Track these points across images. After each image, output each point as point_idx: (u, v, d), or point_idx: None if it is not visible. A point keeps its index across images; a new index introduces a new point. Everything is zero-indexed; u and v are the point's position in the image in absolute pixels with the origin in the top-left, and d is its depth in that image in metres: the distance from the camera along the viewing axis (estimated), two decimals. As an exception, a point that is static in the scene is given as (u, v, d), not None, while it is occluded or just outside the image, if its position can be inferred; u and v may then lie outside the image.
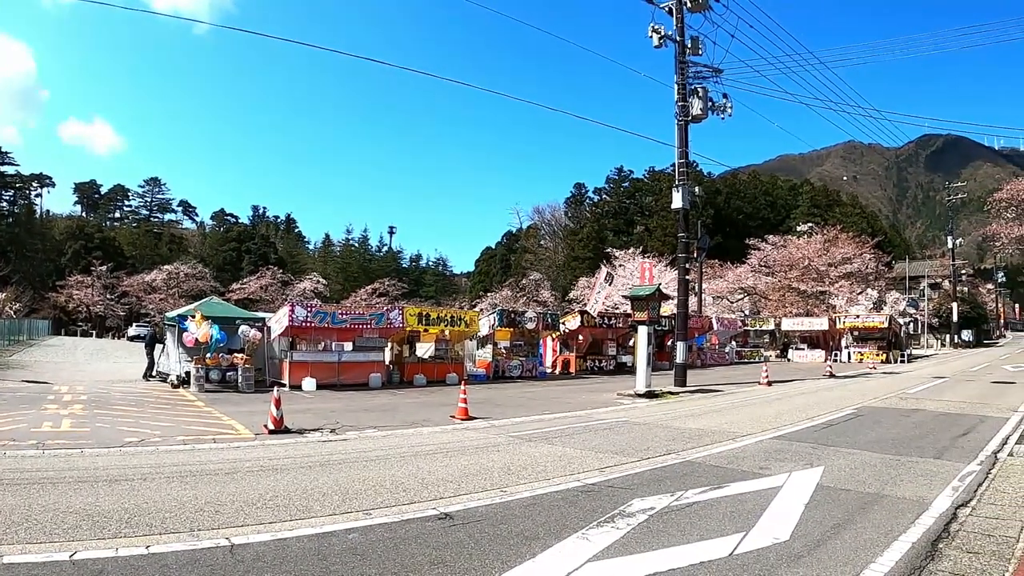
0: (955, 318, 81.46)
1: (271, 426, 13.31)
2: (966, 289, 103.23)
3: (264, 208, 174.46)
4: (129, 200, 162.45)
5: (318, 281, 74.47)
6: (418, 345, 29.67)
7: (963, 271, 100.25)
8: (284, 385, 22.94)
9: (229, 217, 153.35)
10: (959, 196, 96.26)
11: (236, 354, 22.93)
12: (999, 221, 53.86)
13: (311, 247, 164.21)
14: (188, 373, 22.89)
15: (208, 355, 22.46)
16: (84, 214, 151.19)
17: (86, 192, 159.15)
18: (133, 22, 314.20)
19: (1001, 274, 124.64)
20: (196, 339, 22.21)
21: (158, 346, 26.97)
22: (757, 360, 46.89)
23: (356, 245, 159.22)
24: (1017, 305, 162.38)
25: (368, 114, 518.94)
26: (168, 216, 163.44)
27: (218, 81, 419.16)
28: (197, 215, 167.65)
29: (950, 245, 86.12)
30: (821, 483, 9.31)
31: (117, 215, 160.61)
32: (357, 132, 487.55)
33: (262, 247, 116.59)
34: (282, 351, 25.01)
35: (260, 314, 28.34)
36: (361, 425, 14.72)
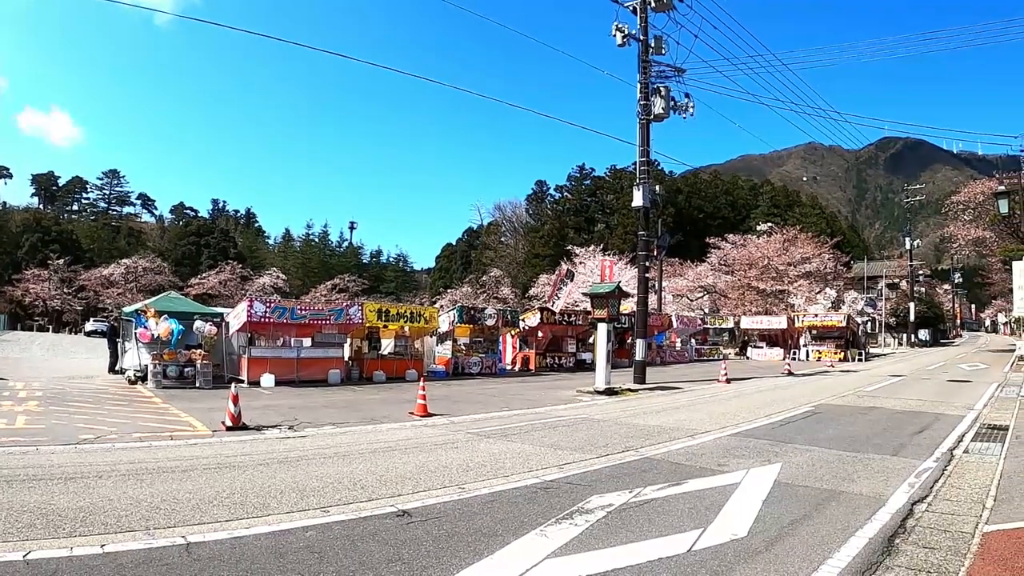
0: (912, 318, 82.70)
1: (229, 423, 13.21)
2: (923, 289, 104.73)
3: (224, 202, 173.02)
4: (87, 193, 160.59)
5: (278, 276, 74.01)
6: (385, 341, 29.57)
7: (920, 272, 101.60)
8: (243, 381, 22.79)
9: (188, 211, 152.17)
10: (917, 198, 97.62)
11: (194, 350, 22.71)
12: (956, 223, 54.69)
13: (271, 242, 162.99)
14: (146, 369, 22.66)
15: (167, 351, 22.25)
16: (42, 206, 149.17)
17: (44, 184, 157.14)
18: (92, 10, 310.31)
19: (958, 275, 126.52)
20: (157, 336, 22.00)
21: (118, 339, 26.71)
22: (716, 358, 47.30)
23: (316, 240, 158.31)
24: (973, 305, 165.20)
25: (330, 109, 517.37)
26: (127, 209, 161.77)
27: (179, 73, 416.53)
28: (156, 209, 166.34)
29: (908, 246, 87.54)
30: (779, 480, 9.41)
31: (75, 208, 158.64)
32: (319, 127, 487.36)
33: (221, 241, 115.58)
34: (240, 347, 24.82)
35: (218, 309, 28.09)
36: (320, 422, 14.64)
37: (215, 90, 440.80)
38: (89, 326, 67.54)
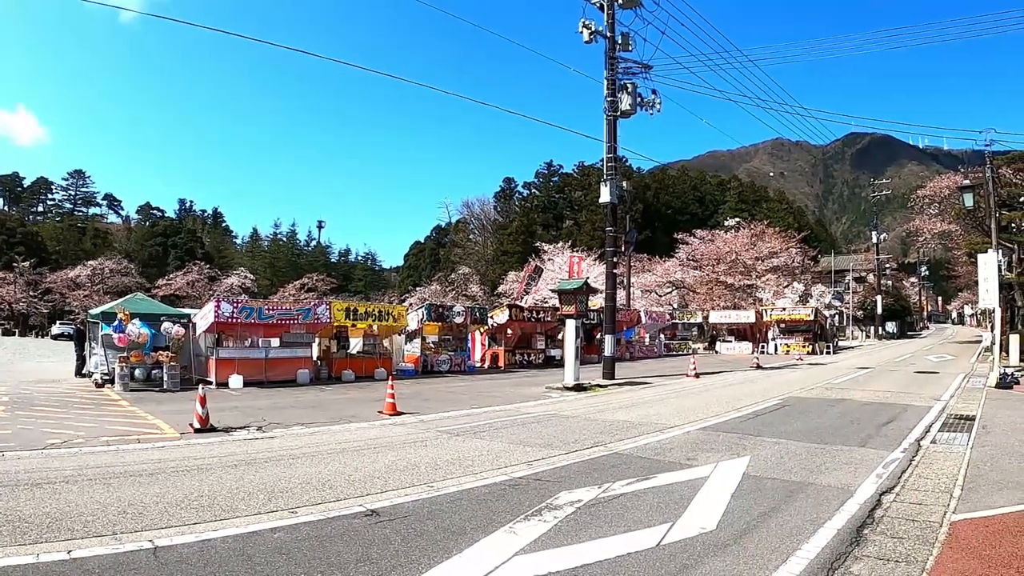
0: (879, 311, 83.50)
1: (197, 425, 13.14)
2: (890, 283, 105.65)
3: (191, 202, 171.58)
4: (53, 193, 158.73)
5: (246, 276, 73.64)
6: (351, 340, 29.48)
7: (887, 265, 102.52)
8: (211, 383, 22.63)
9: (155, 211, 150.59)
10: (884, 193, 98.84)
11: (161, 352, 22.53)
12: (922, 217, 55.23)
13: (239, 242, 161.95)
14: (113, 371, 22.46)
15: (133, 352, 22.06)
16: (6, 208, 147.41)
17: (8, 185, 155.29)
18: (58, 7, 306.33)
19: (924, 268, 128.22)
20: (133, 340, 21.82)
21: (87, 343, 26.45)
22: (685, 352, 47.43)
23: (284, 240, 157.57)
24: (940, 298, 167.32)
25: (297, 107, 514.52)
26: (93, 210, 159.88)
27: (145, 72, 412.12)
28: (123, 209, 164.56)
29: (875, 240, 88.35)
30: (748, 472, 9.50)
31: (40, 209, 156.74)
32: (286, 125, 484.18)
33: (189, 242, 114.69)
34: (208, 348, 24.64)
35: (185, 310, 27.87)
36: (288, 422, 14.59)
37: (181, 89, 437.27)
38: (56, 329, 66.79)
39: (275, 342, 25.76)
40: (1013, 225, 39.14)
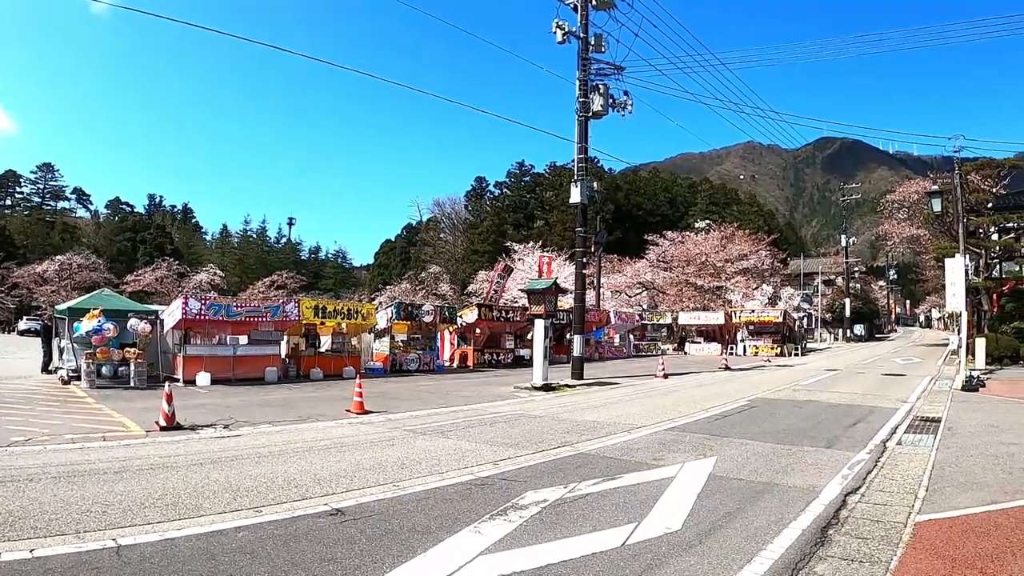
0: (848, 313, 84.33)
1: (163, 423, 13.06)
2: (859, 286, 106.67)
3: (161, 197, 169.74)
4: (21, 187, 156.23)
5: (215, 273, 72.95)
6: (321, 339, 29.38)
7: (856, 268, 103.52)
8: (178, 380, 22.50)
9: (124, 206, 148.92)
10: (853, 197, 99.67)
11: (128, 348, 22.36)
12: (891, 221, 55.79)
13: (208, 238, 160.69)
14: (79, 368, 22.27)
15: (100, 349, 21.88)
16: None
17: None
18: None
19: (893, 271, 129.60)
20: (107, 337, 21.66)
21: (55, 338, 26.18)
22: (654, 353, 47.61)
23: (255, 236, 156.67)
24: (908, 301, 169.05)
25: (268, 102, 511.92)
26: (62, 204, 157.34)
27: (116, 64, 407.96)
28: (92, 204, 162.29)
29: (844, 243, 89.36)
30: (714, 473, 9.57)
31: (8, 202, 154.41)
32: (257, 120, 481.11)
33: (158, 237, 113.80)
34: (175, 345, 24.48)
35: (153, 307, 27.69)
36: (255, 420, 14.54)
37: (152, 82, 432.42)
38: (22, 324, 66.10)
39: (243, 340, 25.59)
40: (980, 230, 39.61)
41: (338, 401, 18.25)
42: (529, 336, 34.98)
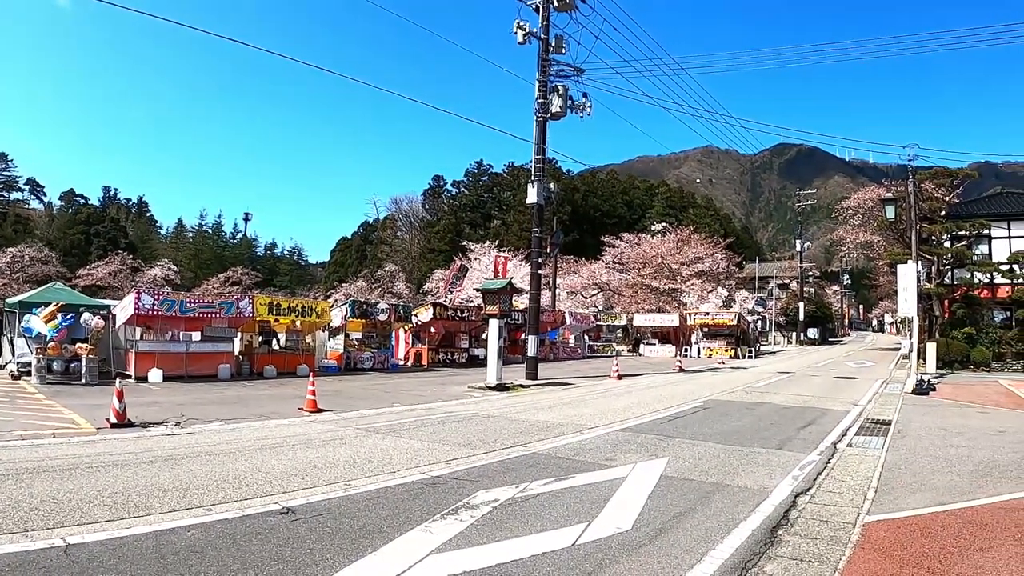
0: (802, 317, 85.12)
1: (114, 420, 12.94)
2: (813, 290, 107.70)
3: (116, 190, 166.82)
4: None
5: (169, 268, 71.96)
6: (276, 336, 29.22)
7: (810, 273, 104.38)
8: (130, 376, 22.33)
9: (79, 198, 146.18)
10: (809, 203, 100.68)
11: (80, 344, 22.11)
12: (846, 227, 56.24)
13: (163, 232, 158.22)
14: (30, 364, 22.00)
15: (51, 345, 21.63)
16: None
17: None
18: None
19: (847, 277, 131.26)
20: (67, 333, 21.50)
21: (4, 333, 25.83)
22: (609, 354, 47.78)
23: (210, 231, 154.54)
24: (861, 306, 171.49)
25: (224, 95, 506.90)
26: (14, 195, 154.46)
27: (73, 53, 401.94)
28: (45, 195, 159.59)
29: (799, 248, 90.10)
30: (665, 473, 9.65)
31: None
32: (214, 113, 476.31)
33: (112, 231, 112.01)
34: (128, 341, 24.26)
35: (106, 301, 27.40)
36: (207, 418, 14.45)
37: (108, 71, 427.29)
38: (-27, 320, 64.84)
39: (196, 336, 25.40)
40: (933, 238, 40.15)
41: (291, 399, 18.20)
42: (484, 336, 35.02)
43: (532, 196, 27.08)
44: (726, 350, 51.79)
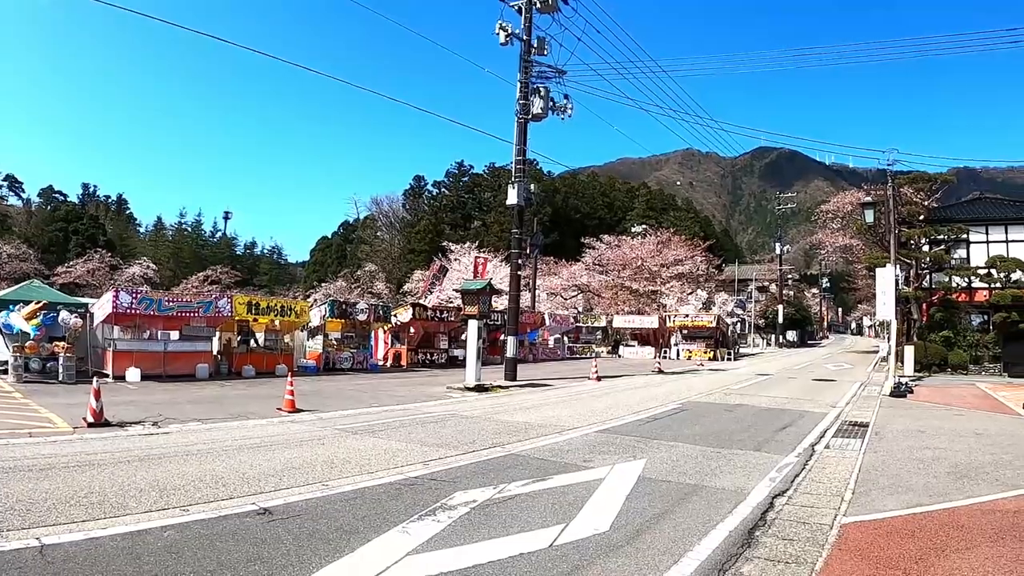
0: (781, 319, 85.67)
1: (91, 419, 12.88)
2: (792, 293, 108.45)
3: (95, 187, 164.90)
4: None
5: (148, 266, 71.64)
6: (254, 335, 29.11)
7: (790, 276, 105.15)
8: (107, 375, 22.22)
9: (57, 195, 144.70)
10: (789, 206, 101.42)
11: (58, 342, 21.99)
12: (825, 231, 56.60)
13: (143, 230, 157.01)
14: (6, 362, 21.85)
15: (28, 343, 21.50)
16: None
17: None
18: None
19: (826, 280, 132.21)
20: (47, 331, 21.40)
21: None
22: (589, 356, 47.87)
23: (189, 229, 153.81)
24: (840, 309, 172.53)
25: (204, 93, 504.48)
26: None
27: (51, 46, 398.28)
28: (24, 191, 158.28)
29: (778, 251, 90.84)
30: (643, 475, 9.67)
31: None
32: (195, 110, 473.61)
33: (91, 228, 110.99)
34: (106, 339, 24.14)
35: (83, 300, 27.23)
36: (185, 418, 14.39)
37: (90, 67, 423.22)
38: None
39: (175, 335, 25.26)
40: (912, 242, 40.42)
41: (270, 399, 18.12)
42: (463, 336, 35.02)
43: (512, 197, 27.12)
44: (705, 352, 51.94)
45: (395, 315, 34.98)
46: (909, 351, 33.95)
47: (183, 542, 6.16)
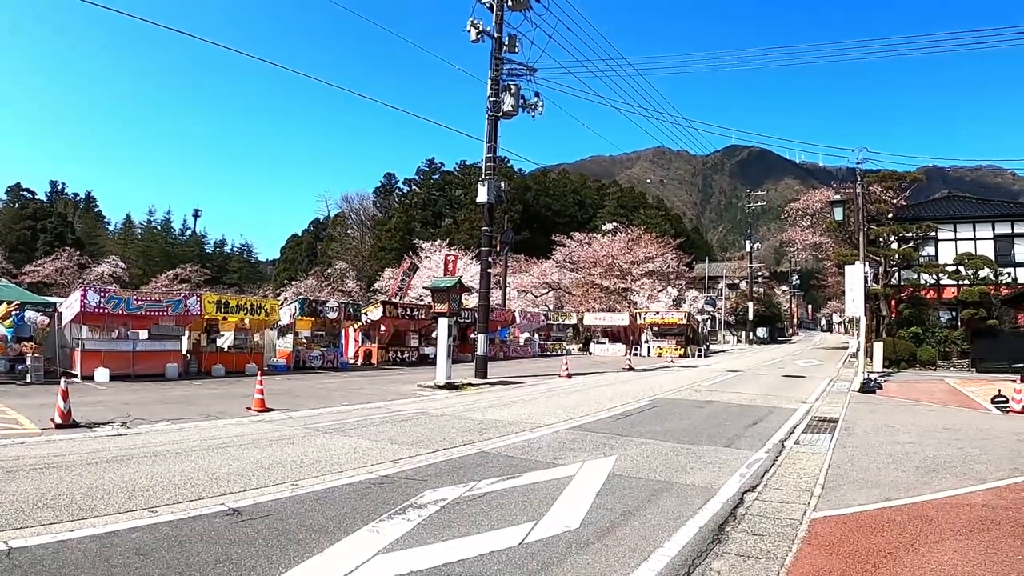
0: (751, 316, 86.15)
1: (58, 420, 12.78)
2: (762, 290, 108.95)
3: (63, 184, 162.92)
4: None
5: (117, 265, 71.01)
6: (225, 334, 28.95)
7: (760, 273, 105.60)
8: (76, 376, 22.04)
9: (25, 192, 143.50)
10: (760, 204, 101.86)
11: (25, 343, 21.80)
12: (795, 229, 56.95)
13: (112, 228, 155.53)
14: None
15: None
16: None
17: None
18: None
19: (796, 277, 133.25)
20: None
21: None
22: (559, 353, 47.90)
23: (159, 228, 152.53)
24: (810, 306, 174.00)
25: (174, 89, 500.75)
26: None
27: (17, 41, 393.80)
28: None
29: (749, 249, 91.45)
30: (613, 472, 9.75)
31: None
32: (163, 108, 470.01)
33: (59, 226, 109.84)
34: (74, 339, 23.94)
35: (51, 299, 26.99)
36: (154, 418, 14.31)
37: (56, 62, 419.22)
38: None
39: (143, 334, 25.09)
40: (881, 239, 40.80)
41: (239, 398, 18.06)
42: (434, 334, 34.97)
43: (483, 195, 27.12)
44: (676, 349, 52.16)
45: (366, 313, 34.89)
46: (878, 347, 34.33)
47: (151, 543, 6.15)
